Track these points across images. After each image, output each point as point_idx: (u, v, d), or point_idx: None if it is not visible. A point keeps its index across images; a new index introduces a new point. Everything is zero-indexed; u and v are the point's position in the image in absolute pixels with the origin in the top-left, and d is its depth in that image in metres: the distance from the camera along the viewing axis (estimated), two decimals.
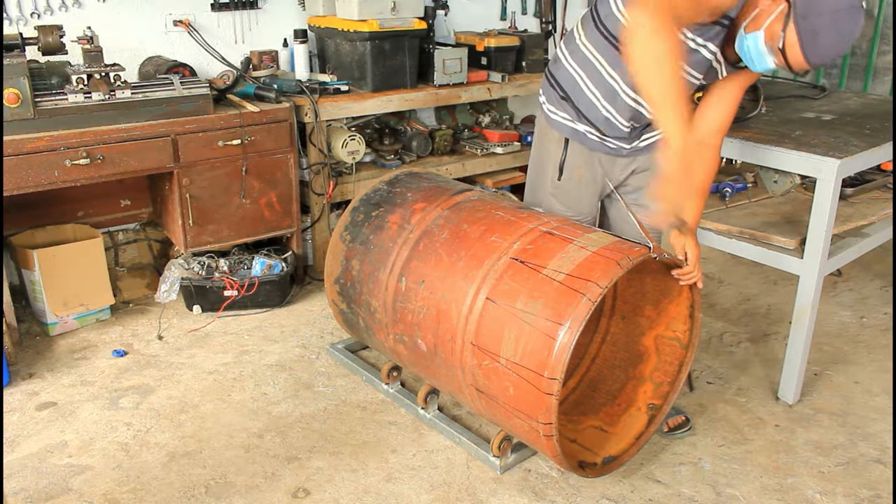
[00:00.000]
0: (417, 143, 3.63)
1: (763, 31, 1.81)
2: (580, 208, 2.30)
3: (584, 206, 2.30)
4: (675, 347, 2.30)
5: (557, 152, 2.25)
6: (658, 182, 1.81)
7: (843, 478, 2.23)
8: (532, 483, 2.18)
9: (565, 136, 2.21)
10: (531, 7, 4.43)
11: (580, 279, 1.87)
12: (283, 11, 3.61)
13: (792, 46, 1.76)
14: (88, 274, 2.96)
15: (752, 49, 1.86)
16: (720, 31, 1.93)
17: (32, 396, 2.55)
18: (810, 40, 1.73)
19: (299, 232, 3.29)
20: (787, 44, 1.76)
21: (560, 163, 2.24)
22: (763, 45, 1.82)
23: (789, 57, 1.78)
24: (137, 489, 2.12)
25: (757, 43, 1.83)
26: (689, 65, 2.01)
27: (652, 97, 1.79)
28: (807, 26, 1.72)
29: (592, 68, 2.11)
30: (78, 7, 3.11)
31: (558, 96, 2.21)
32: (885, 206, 2.77)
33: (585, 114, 2.16)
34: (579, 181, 2.26)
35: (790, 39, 1.75)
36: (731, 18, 1.90)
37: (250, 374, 2.70)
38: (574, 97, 2.17)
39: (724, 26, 1.92)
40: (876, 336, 3.04)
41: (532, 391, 1.86)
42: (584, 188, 2.27)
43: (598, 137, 2.18)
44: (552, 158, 2.27)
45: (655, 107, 1.79)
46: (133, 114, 2.77)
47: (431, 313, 2.11)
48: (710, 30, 1.93)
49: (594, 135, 2.18)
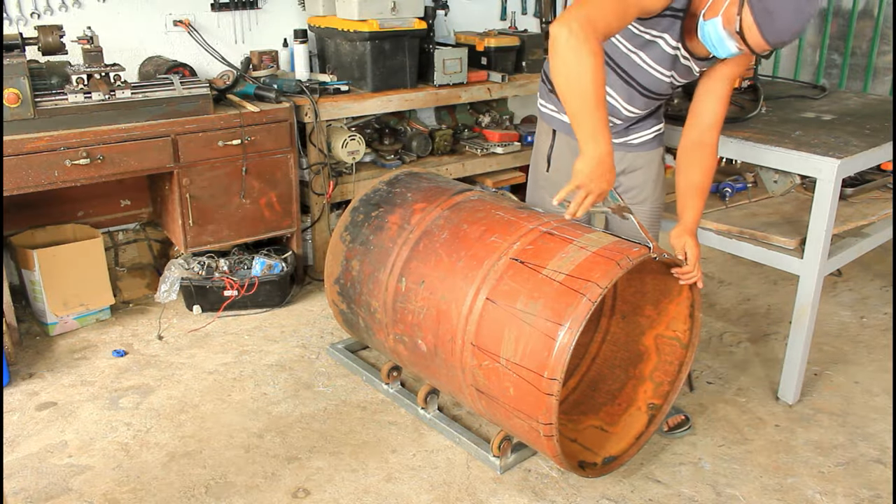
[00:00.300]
0: (417, 143, 3.63)
1: (720, 16, 1.84)
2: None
3: None
4: (676, 347, 2.30)
5: (546, 144, 2.29)
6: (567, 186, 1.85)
7: (843, 478, 2.23)
8: (532, 483, 2.18)
9: (553, 127, 2.26)
10: (531, 7, 4.43)
11: (580, 279, 1.87)
12: (283, 11, 3.61)
13: (749, 28, 1.79)
14: (88, 274, 2.96)
15: (712, 35, 1.88)
16: (672, 23, 1.95)
17: (32, 396, 2.55)
18: (766, 20, 1.77)
19: (299, 232, 3.29)
20: (745, 26, 1.79)
21: (548, 154, 2.28)
22: (722, 30, 1.85)
23: (748, 39, 1.81)
24: (137, 489, 2.12)
25: (716, 28, 1.86)
26: (651, 59, 2.04)
27: (567, 106, 1.81)
28: (761, 7, 1.76)
29: None
30: (78, 7, 3.11)
31: (547, 89, 2.27)
32: (885, 206, 2.77)
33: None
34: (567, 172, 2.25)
35: (747, 21, 1.78)
36: (677, 10, 1.93)
37: (250, 374, 2.70)
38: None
39: (677, 17, 1.94)
40: (876, 336, 3.04)
41: (532, 391, 1.86)
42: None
43: None
44: (542, 150, 2.31)
45: (571, 116, 1.81)
46: (133, 114, 2.77)
47: (431, 314, 2.11)
48: (660, 22, 1.95)
49: None
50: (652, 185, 2.33)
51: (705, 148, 2.16)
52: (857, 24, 4.64)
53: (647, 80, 2.09)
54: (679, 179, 2.22)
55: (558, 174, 2.28)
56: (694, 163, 2.18)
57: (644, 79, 2.09)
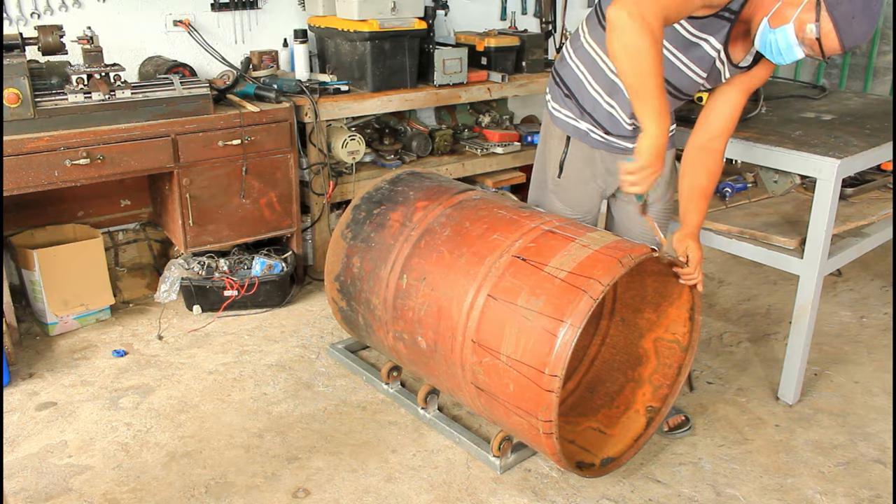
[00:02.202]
0: (417, 143, 3.63)
1: (792, 23, 1.83)
2: (581, 207, 2.31)
3: (584, 204, 2.31)
4: (675, 350, 2.30)
5: (559, 150, 2.26)
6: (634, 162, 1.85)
7: (843, 478, 2.23)
8: (532, 483, 2.18)
9: (567, 133, 2.23)
10: (531, 7, 4.43)
11: (582, 277, 1.87)
12: (283, 11, 3.61)
13: (828, 34, 1.79)
14: (88, 274, 2.96)
15: (780, 42, 1.87)
16: (722, 25, 1.94)
17: (32, 396, 2.55)
18: (847, 26, 1.77)
19: (299, 232, 3.29)
20: (823, 32, 1.79)
21: (561, 160, 2.26)
22: (793, 38, 1.84)
23: (825, 45, 1.81)
24: (137, 489, 2.12)
25: (787, 36, 1.85)
26: (691, 60, 2.02)
27: (629, 87, 1.80)
28: (841, 13, 1.76)
29: (595, 65, 2.13)
30: (78, 7, 3.11)
31: (562, 94, 2.23)
32: (885, 206, 2.77)
33: (590, 112, 2.17)
34: (579, 179, 2.27)
35: (825, 28, 1.78)
36: (733, 12, 1.91)
37: (250, 374, 2.70)
38: (578, 95, 2.18)
39: (727, 20, 1.92)
40: (876, 336, 3.04)
41: (532, 388, 1.86)
42: (584, 186, 2.28)
43: (600, 137, 2.19)
44: (554, 156, 2.29)
45: (633, 96, 1.81)
46: (133, 114, 2.77)
47: (432, 310, 2.11)
48: (711, 24, 1.93)
49: (596, 133, 2.19)
50: (664, 186, 2.33)
51: (713, 153, 2.16)
52: None
53: (681, 81, 2.07)
54: (683, 182, 2.22)
55: (569, 181, 2.28)
56: (700, 167, 2.18)
57: (679, 80, 2.07)
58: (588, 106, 2.17)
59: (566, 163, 2.25)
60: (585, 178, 2.26)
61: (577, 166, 2.25)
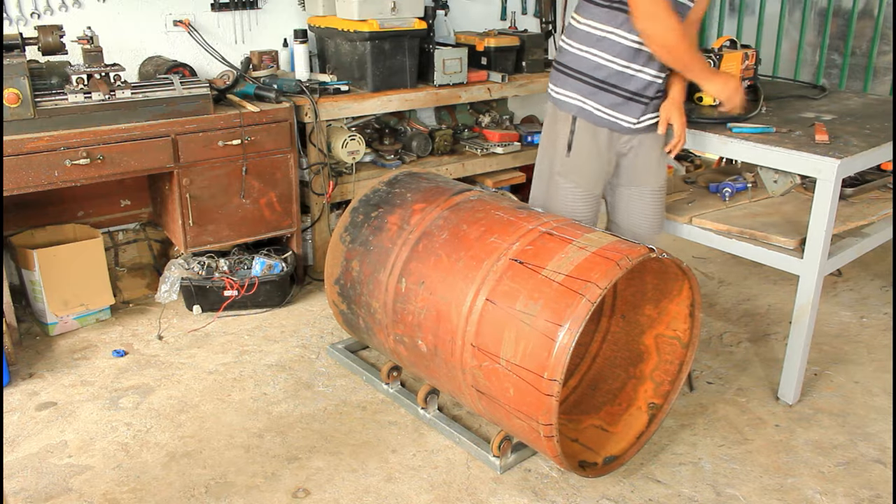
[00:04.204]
0: (417, 143, 3.63)
1: None
2: (588, 184, 2.41)
3: (591, 181, 2.42)
4: (676, 346, 2.30)
5: (566, 130, 2.38)
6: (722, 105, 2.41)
7: (843, 478, 2.23)
8: (532, 483, 2.18)
9: (573, 114, 2.35)
10: (531, 7, 4.43)
11: (579, 280, 1.87)
12: (283, 11, 3.61)
13: None
14: (88, 274, 2.96)
15: None
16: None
17: (32, 396, 2.55)
18: None
19: (299, 232, 3.29)
20: None
21: (569, 140, 2.37)
22: None
23: None
24: (137, 489, 2.13)
25: None
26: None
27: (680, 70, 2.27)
28: None
29: (607, 41, 2.25)
30: (78, 7, 3.11)
31: (568, 77, 2.34)
32: (885, 206, 2.77)
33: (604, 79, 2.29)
34: (588, 155, 2.38)
35: None
36: None
37: (250, 374, 2.70)
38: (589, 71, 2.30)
39: None
40: (876, 336, 3.04)
41: (532, 392, 1.86)
42: (591, 162, 2.39)
43: (605, 114, 2.32)
44: (561, 137, 2.39)
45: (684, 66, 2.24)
46: (133, 114, 2.77)
47: (431, 314, 2.11)
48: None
49: (602, 111, 2.32)
50: (655, 168, 2.46)
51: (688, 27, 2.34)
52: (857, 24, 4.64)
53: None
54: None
55: (578, 157, 2.39)
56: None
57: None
58: (615, 81, 2.29)
59: (574, 140, 2.37)
60: (592, 153, 2.38)
61: (584, 141, 2.36)
